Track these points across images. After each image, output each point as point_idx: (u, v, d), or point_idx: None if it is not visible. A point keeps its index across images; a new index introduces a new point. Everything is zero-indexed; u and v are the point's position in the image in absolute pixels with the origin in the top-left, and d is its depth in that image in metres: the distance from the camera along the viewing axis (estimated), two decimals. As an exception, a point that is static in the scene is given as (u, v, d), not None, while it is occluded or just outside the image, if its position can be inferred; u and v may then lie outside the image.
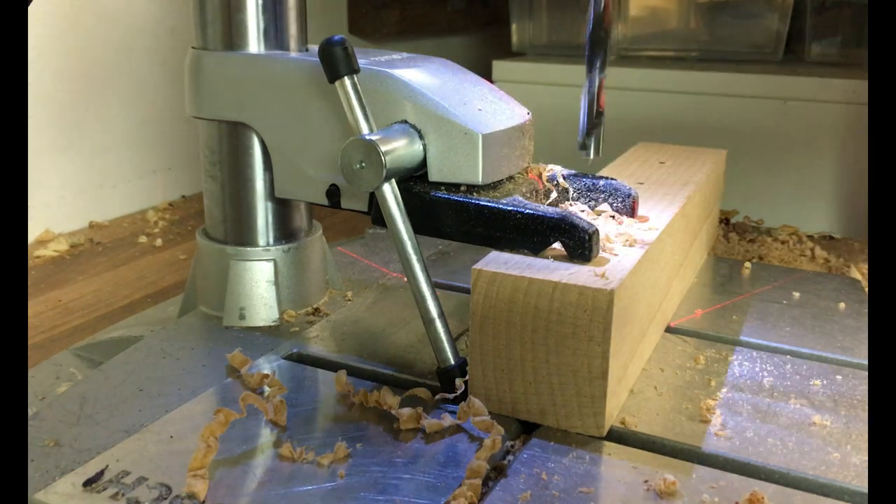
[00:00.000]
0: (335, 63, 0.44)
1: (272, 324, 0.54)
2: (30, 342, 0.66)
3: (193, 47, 0.53)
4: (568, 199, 0.50)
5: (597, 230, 0.42)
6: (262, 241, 0.54)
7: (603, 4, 0.46)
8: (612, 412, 0.41)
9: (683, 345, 0.51)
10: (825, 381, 0.47)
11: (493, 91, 0.49)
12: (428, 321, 0.44)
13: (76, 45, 0.95)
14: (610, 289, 0.38)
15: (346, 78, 0.44)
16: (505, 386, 0.41)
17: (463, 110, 0.45)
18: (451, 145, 0.45)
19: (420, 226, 0.45)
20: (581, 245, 0.41)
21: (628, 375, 0.45)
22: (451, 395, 0.42)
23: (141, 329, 0.60)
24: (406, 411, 0.40)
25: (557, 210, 0.43)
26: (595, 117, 0.48)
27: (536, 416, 0.41)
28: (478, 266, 0.41)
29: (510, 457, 0.39)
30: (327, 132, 0.49)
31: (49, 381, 0.54)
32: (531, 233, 0.42)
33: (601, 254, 0.42)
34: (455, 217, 0.45)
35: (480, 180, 0.45)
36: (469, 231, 0.44)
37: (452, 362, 0.42)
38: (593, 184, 0.49)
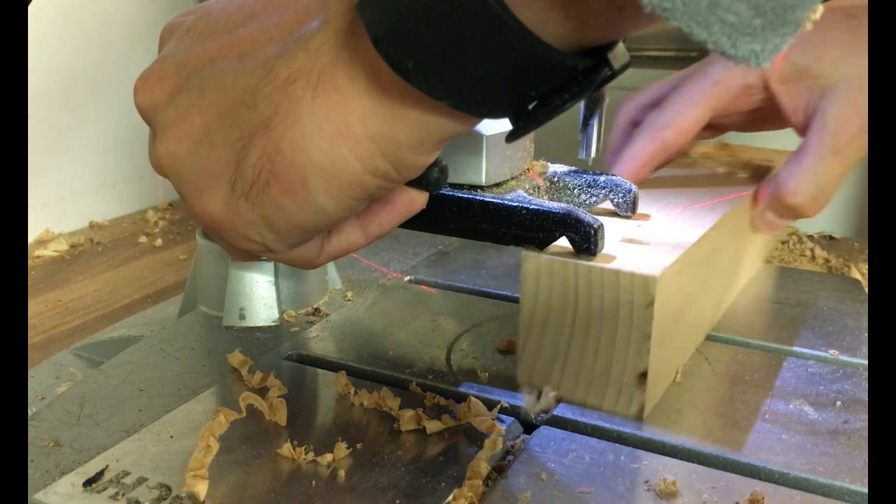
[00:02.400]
0: None
1: (272, 324, 0.54)
2: (30, 342, 0.66)
3: (193, 47, 0.53)
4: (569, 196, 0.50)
5: (602, 225, 0.42)
6: (262, 241, 0.54)
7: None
8: (654, 397, 0.43)
9: (683, 345, 0.51)
10: (825, 381, 0.47)
11: (494, 92, 0.49)
12: None
13: (76, 44, 0.95)
14: (654, 275, 0.39)
15: None
16: (551, 368, 0.43)
17: (466, 111, 0.45)
18: (454, 146, 0.45)
19: (425, 223, 0.45)
20: (587, 240, 0.41)
21: (673, 363, 0.46)
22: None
23: (141, 329, 0.60)
24: (406, 412, 0.40)
25: (562, 205, 0.43)
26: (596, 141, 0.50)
27: (580, 398, 0.42)
28: (527, 251, 0.42)
29: (510, 457, 0.39)
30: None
31: (49, 381, 0.54)
32: (536, 228, 0.42)
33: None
34: (460, 213, 0.45)
35: (484, 181, 0.45)
36: (474, 227, 0.45)
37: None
38: (594, 180, 0.49)
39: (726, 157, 0.67)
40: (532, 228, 0.43)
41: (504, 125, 0.45)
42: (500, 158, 0.46)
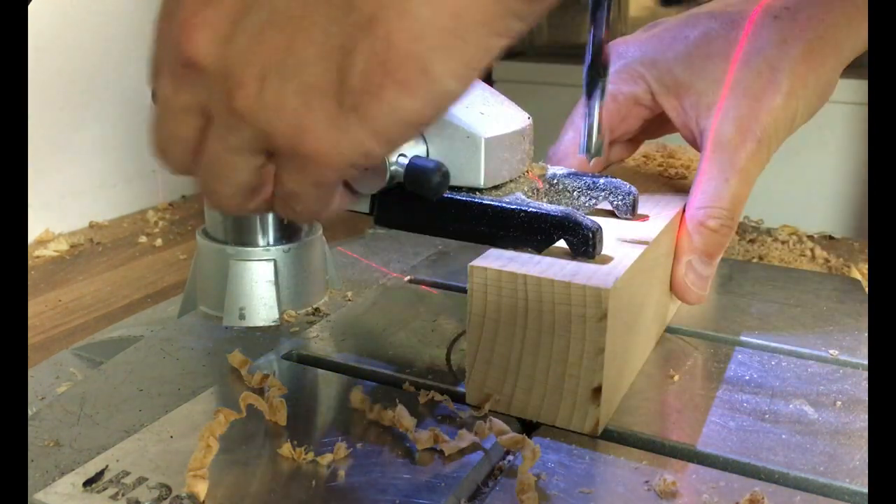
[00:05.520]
0: None
1: (272, 324, 0.54)
2: (30, 342, 0.66)
3: (193, 47, 0.53)
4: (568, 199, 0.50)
5: (600, 227, 0.42)
6: (262, 241, 0.54)
7: (602, 36, 0.46)
8: (609, 411, 0.41)
9: (683, 344, 0.51)
10: (825, 381, 0.47)
11: (494, 95, 0.49)
12: None
13: (76, 44, 0.95)
14: (607, 287, 0.38)
15: None
16: (502, 384, 0.41)
17: (465, 113, 0.45)
18: (453, 148, 0.45)
19: (423, 226, 0.46)
20: (585, 242, 0.41)
21: (627, 374, 0.45)
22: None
23: (141, 329, 0.60)
24: (423, 434, 0.39)
25: (561, 208, 0.43)
26: (596, 140, 0.48)
27: (533, 414, 0.41)
28: (474, 263, 0.41)
29: (510, 457, 0.39)
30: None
31: (49, 381, 0.54)
32: (535, 231, 0.42)
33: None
34: (458, 216, 0.45)
35: (482, 184, 0.45)
36: (472, 230, 0.45)
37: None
38: (593, 182, 0.49)
39: (662, 160, 0.65)
40: (530, 231, 0.43)
41: (503, 127, 0.46)
42: (498, 161, 0.46)
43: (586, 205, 0.49)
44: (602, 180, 0.49)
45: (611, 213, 0.49)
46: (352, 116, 0.30)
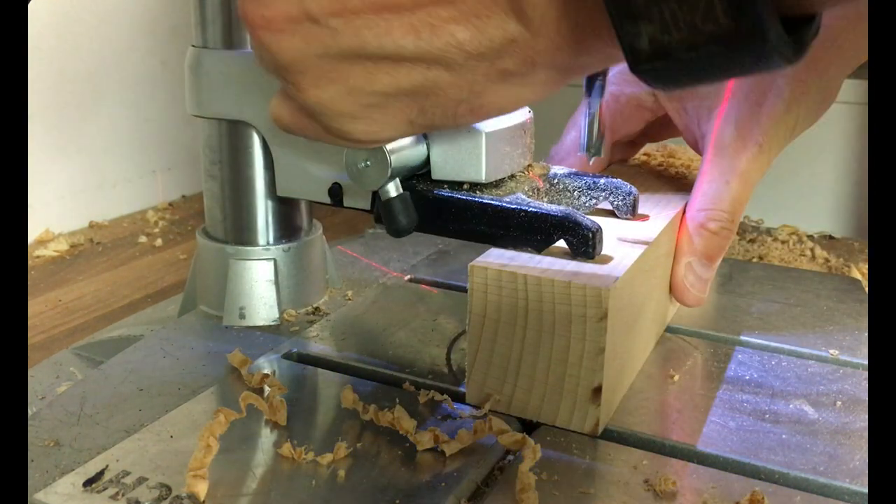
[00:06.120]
0: None
1: (272, 323, 0.54)
2: (30, 342, 0.66)
3: (193, 46, 0.53)
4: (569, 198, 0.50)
5: (600, 228, 0.42)
6: (262, 240, 0.54)
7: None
8: (609, 411, 0.41)
9: (683, 344, 0.51)
10: (825, 381, 0.47)
11: (493, 91, 0.49)
12: None
13: (76, 44, 0.95)
14: (607, 287, 0.38)
15: None
16: (502, 384, 0.41)
17: (465, 109, 0.45)
18: (454, 143, 0.45)
19: (423, 224, 0.46)
20: (584, 243, 0.41)
21: (627, 374, 0.45)
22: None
23: (141, 329, 0.60)
24: (423, 435, 0.39)
25: (561, 208, 0.43)
26: (596, 138, 0.48)
27: (533, 414, 0.41)
28: (474, 263, 0.41)
29: (510, 457, 0.39)
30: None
31: (49, 381, 0.54)
32: (535, 231, 0.42)
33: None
34: (458, 215, 0.45)
35: (484, 178, 0.45)
36: (472, 229, 0.45)
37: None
38: (594, 182, 0.49)
39: (662, 159, 0.65)
40: (530, 231, 0.43)
41: (503, 122, 0.46)
42: (499, 155, 0.46)
43: (587, 205, 0.49)
44: (602, 180, 0.49)
45: (611, 213, 0.49)
46: (418, 128, 0.35)
